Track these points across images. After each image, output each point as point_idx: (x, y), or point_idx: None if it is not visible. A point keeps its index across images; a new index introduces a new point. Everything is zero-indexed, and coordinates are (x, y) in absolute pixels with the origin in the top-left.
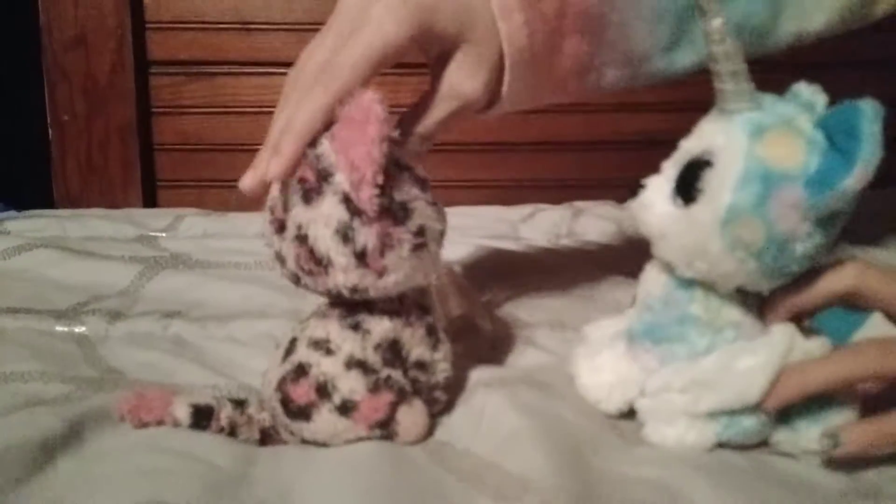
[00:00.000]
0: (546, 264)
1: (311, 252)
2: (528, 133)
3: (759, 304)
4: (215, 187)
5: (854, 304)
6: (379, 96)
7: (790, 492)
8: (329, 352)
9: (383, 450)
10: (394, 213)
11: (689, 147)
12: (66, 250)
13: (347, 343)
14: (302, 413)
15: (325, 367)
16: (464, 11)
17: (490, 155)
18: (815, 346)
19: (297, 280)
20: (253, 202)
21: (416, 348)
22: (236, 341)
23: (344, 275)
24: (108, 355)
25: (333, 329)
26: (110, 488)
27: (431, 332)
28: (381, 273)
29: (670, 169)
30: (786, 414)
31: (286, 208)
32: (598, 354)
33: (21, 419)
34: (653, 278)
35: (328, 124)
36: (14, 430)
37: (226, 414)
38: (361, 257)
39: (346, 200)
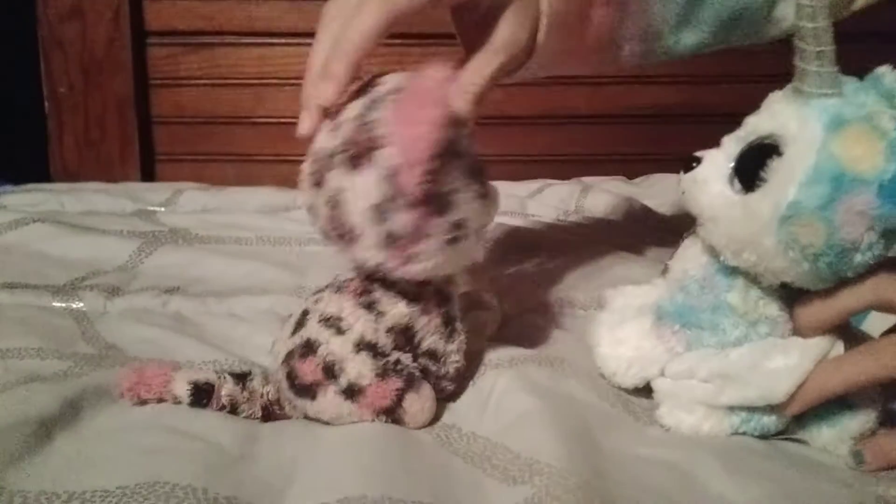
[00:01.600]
0: (554, 241)
1: (342, 220)
2: (536, 106)
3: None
4: (215, 161)
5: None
6: (446, 71)
7: (804, 474)
8: (340, 331)
9: (388, 431)
10: (436, 202)
11: (756, 125)
12: (64, 225)
13: (360, 323)
14: (307, 391)
15: (334, 346)
16: None
17: (497, 129)
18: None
19: (326, 238)
20: (252, 177)
21: (430, 337)
22: (237, 318)
23: (369, 252)
24: (107, 332)
25: (347, 306)
26: (109, 467)
27: (448, 322)
28: (408, 259)
29: (731, 145)
30: (801, 414)
31: (330, 166)
32: (621, 325)
33: (18, 396)
34: (692, 257)
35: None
36: (11, 407)
37: (226, 391)
38: (391, 240)
39: (390, 178)
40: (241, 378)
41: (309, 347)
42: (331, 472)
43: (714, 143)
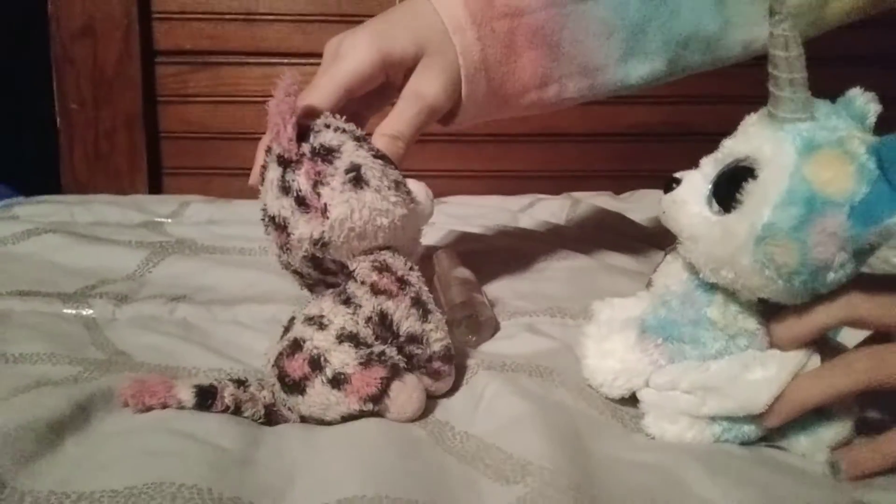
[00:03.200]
0: (544, 253)
1: (276, 225)
2: (528, 125)
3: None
4: (220, 175)
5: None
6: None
7: (785, 478)
8: (322, 326)
9: (385, 431)
10: (319, 154)
11: (732, 148)
12: (74, 235)
13: (339, 317)
14: (297, 387)
15: (318, 340)
16: (418, 32)
17: (491, 146)
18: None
19: (288, 266)
20: (256, 190)
21: (406, 321)
22: (241, 325)
23: (298, 228)
24: (116, 338)
25: (327, 305)
26: (118, 469)
27: (417, 302)
28: (323, 211)
29: (709, 167)
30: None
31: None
32: (607, 338)
33: (30, 400)
34: (673, 273)
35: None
36: (23, 410)
37: (229, 392)
38: (301, 202)
39: (279, 159)
40: (240, 383)
41: (296, 345)
42: (330, 473)
43: (696, 161)
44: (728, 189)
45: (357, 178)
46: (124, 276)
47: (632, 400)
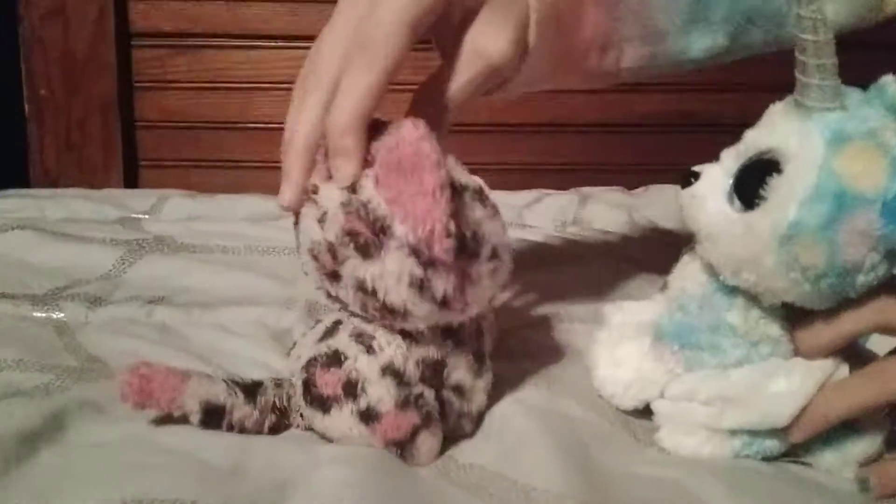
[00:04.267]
0: (552, 253)
1: (382, 304)
2: (534, 115)
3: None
4: (201, 167)
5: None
6: (423, 127)
7: (811, 496)
8: (370, 350)
9: (388, 457)
10: (467, 249)
11: (756, 140)
12: (44, 232)
13: (391, 347)
14: (322, 403)
15: (361, 364)
16: None
17: (494, 136)
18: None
19: (356, 315)
20: (240, 184)
21: (459, 371)
22: (224, 329)
23: (425, 321)
24: (89, 343)
25: (382, 329)
26: (96, 483)
27: (479, 358)
28: (464, 308)
29: (730, 160)
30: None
31: (336, 258)
32: (619, 345)
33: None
34: (690, 275)
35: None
36: None
37: (238, 414)
38: (443, 304)
39: (416, 253)
40: (252, 392)
41: (335, 359)
42: (325, 489)
43: (716, 153)
44: (751, 184)
45: (496, 268)
46: (98, 276)
47: (645, 412)
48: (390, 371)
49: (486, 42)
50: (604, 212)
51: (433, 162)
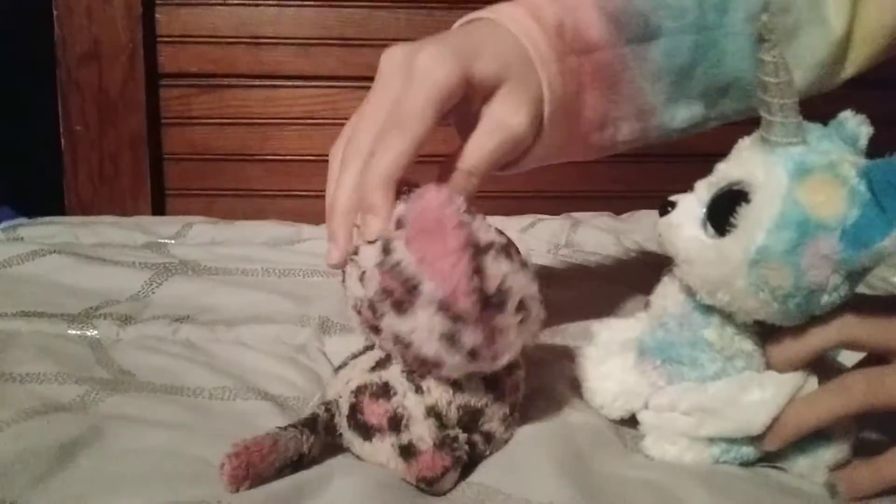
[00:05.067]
0: (545, 274)
1: (418, 356)
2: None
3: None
4: (223, 196)
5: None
6: (446, 192)
7: (786, 498)
8: (419, 389)
9: (391, 474)
10: (493, 303)
11: (726, 172)
12: (78, 256)
13: (438, 390)
14: (365, 430)
15: (409, 402)
16: (499, 55)
17: None
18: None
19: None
20: (259, 211)
21: (493, 422)
22: (244, 345)
23: (456, 371)
24: (120, 358)
25: None
26: (131, 488)
27: (513, 411)
28: (494, 359)
29: (703, 191)
30: None
31: (375, 313)
32: (605, 360)
33: (39, 420)
34: (671, 295)
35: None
36: (33, 431)
37: (313, 452)
38: (472, 355)
39: (443, 308)
40: (314, 426)
41: (385, 390)
42: (337, 497)
43: (694, 181)
44: (722, 212)
45: (525, 318)
46: (128, 297)
47: (632, 420)
48: (434, 412)
49: (506, 115)
50: (594, 235)
51: (454, 225)
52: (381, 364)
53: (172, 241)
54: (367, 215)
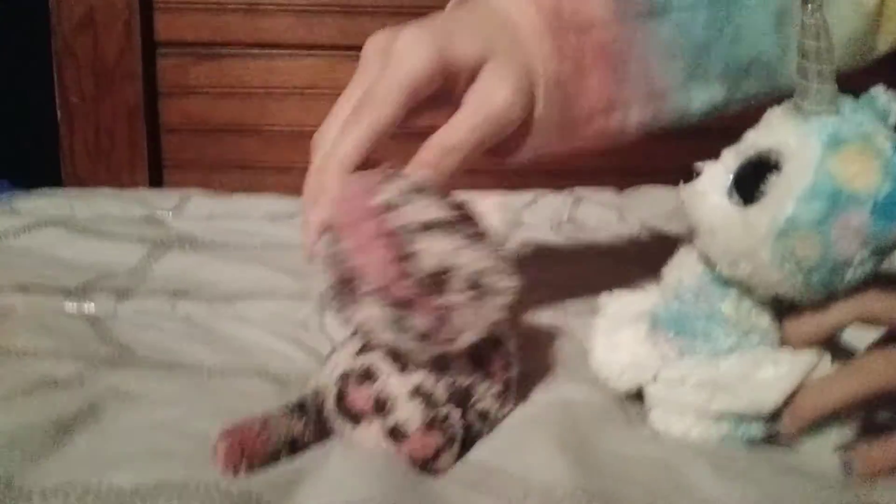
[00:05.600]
0: (548, 251)
1: (382, 342)
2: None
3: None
4: (221, 168)
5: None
6: (374, 180)
7: (791, 477)
8: (403, 369)
9: (387, 457)
10: (433, 283)
11: (755, 140)
12: (75, 229)
13: (423, 371)
14: (351, 416)
15: (392, 384)
16: (484, 34)
17: None
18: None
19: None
20: (258, 184)
21: (486, 399)
22: (244, 321)
23: (417, 354)
24: (118, 333)
25: None
26: (128, 466)
27: (507, 388)
28: (451, 340)
29: (731, 159)
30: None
31: (336, 302)
32: (616, 331)
33: (36, 396)
34: (688, 266)
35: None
36: (29, 407)
37: (306, 436)
38: (425, 338)
39: (382, 296)
40: (304, 409)
41: (367, 375)
42: (339, 476)
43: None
44: (750, 181)
45: (481, 294)
46: (125, 270)
47: (637, 396)
48: (420, 392)
49: (490, 91)
50: (596, 212)
51: (368, 214)
52: (367, 348)
53: (170, 215)
54: (319, 199)
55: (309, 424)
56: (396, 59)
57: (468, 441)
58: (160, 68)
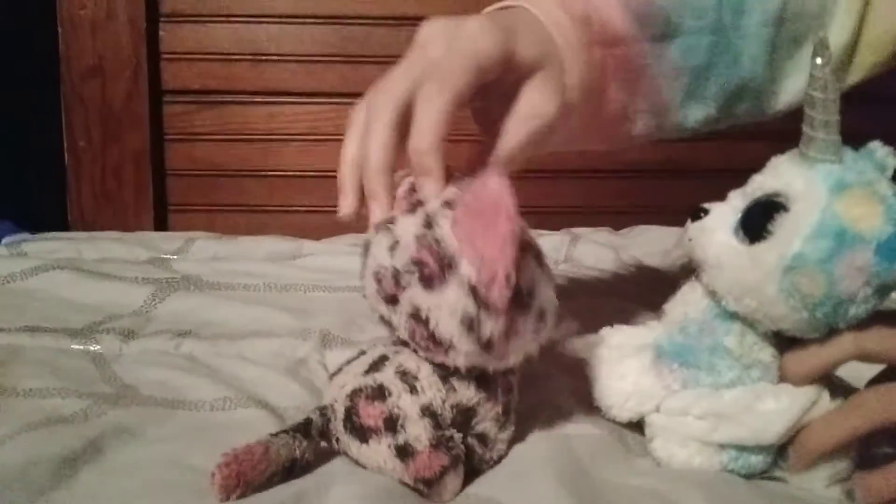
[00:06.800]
0: None
1: (432, 334)
2: (529, 161)
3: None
4: (225, 211)
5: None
6: (507, 182)
7: None
8: (413, 390)
9: (394, 482)
10: (520, 301)
11: (762, 183)
12: (81, 272)
13: (432, 390)
14: (361, 433)
15: (404, 402)
16: (540, 40)
17: None
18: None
19: (405, 343)
20: (261, 227)
21: (486, 422)
22: (246, 359)
23: (465, 358)
24: (123, 372)
25: (425, 369)
26: (131, 500)
27: (507, 411)
28: (503, 357)
29: (737, 200)
30: (783, 454)
31: (398, 284)
32: (621, 361)
33: (42, 434)
34: (693, 301)
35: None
36: (36, 444)
37: (306, 456)
38: (487, 346)
39: (473, 292)
40: (308, 430)
41: (379, 393)
42: (338, 499)
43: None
44: (757, 220)
45: (541, 328)
46: (131, 312)
47: (636, 426)
48: (429, 412)
49: (543, 103)
50: (593, 251)
51: (511, 213)
52: (375, 367)
53: (175, 257)
54: (422, 178)
55: (311, 445)
56: (467, 37)
57: (468, 466)
58: (166, 114)
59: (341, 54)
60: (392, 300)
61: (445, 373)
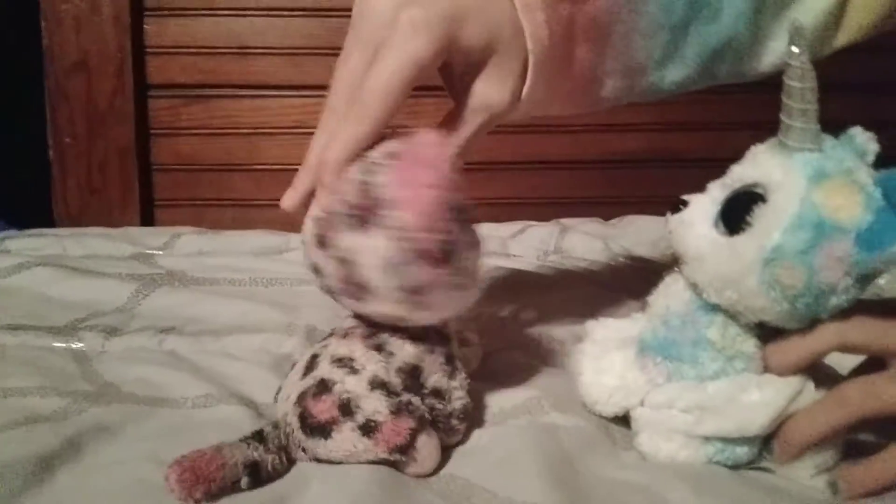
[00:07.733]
0: (534, 278)
1: (355, 278)
2: (518, 153)
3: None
4: (211, 206)
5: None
6: (444, 139)
7: (772, 499)
8: (353, 370)
9: (374, 470)
10: (442, 254)
11: (741, 174)
12: (65, 268)
13: (371, 363)
14: (321, 430)
15: (349, 384)
16: (490, 23)
17: (480, 174)
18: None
19: (331, 293)
20: (248, 221)
21: (434, 375)
22: (230, 356)
23: (385, 306)
24: (104, 370)
25: (357, 348)
26: (109, 500)
27: (450, 360)
28: (423, 308)
29: (717, 191)
30: (768, 444)
31: (332, 228)
32: (605, 356)
33: (20, 433)
34: (675, 293)
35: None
36: (13, 444)
37: (270, 463)
38: (406, 294)
39: (401, 238)
40: (262, 438)
41: (323, 386)
42: (321, 498)
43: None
44: (737, 212)
45: (462, 284)
46: (114, 308)
47: (622, 420)
48: (377, 384)
49: (491, 94)
50: (582, 241)
51: (444, 168)
52: (310, 367)
53: (160, 252)
54: (319, 189)
55: (271, 452)
56: (402, 39)
57: (438, 423)
58: (152, 109)
59: (327, 47)
60: (323, 243)
61: (378, 342)
